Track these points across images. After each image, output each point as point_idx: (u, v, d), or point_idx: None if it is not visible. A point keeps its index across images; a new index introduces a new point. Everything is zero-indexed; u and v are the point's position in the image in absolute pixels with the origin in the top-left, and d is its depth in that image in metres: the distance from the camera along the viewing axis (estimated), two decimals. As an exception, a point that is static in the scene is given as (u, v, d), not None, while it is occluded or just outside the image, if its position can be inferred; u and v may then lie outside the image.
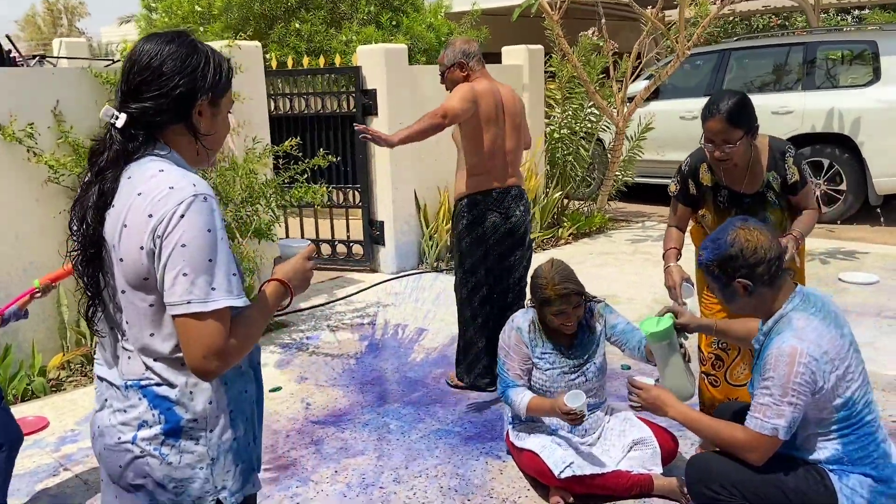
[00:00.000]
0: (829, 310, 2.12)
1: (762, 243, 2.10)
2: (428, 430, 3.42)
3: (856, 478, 2.04)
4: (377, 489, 2.94)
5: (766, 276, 2.10)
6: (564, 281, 2.72)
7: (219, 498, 1.45)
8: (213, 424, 1.44)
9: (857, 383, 2.03)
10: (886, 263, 5.91)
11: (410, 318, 5.08)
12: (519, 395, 2.82)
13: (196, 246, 1.33)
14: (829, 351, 2.01)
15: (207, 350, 1.32)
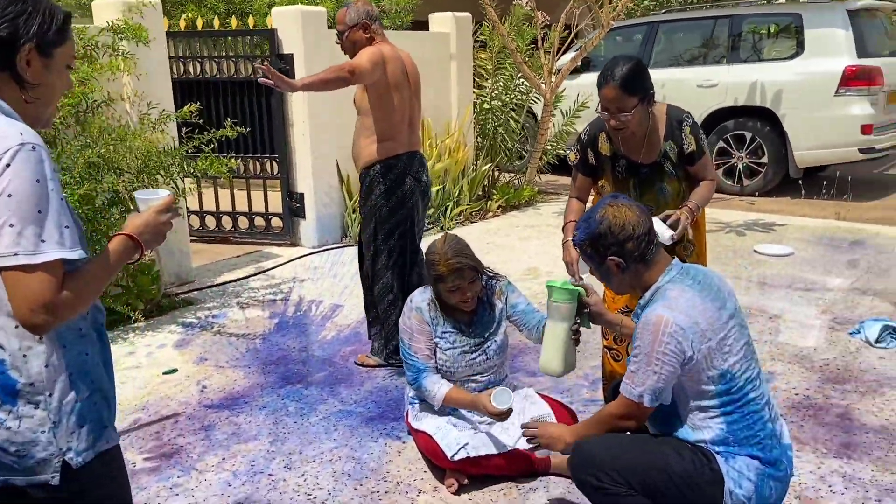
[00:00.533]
0: (710, 283, 2.06)
1: (630, 219, 2.04)
2: (328, 412, 3.29)
3: (742, 459, 1.99)
4: (265, 477, 2.80)
5: (637, 252, 2.05)
6: (457, 256, 2.61)
7: (65, 459, 1.42)
8: (51, 388, 1.40)
9: (736, 357, 1.98)
10: (803, 235, 6.00)
11: (326, 294, 4.91)
12: (435, 386, 2.71)
13: (23, 196, 1.28)
14: (700, 322, 1.95)
15: (34, 303, 1.28)
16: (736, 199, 7.47)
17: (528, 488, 2.67)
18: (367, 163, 3.56)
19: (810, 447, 2.88)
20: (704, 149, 2.75)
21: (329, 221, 6.17)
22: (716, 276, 2.13)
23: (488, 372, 2.78)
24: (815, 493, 2.58)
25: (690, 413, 2.04)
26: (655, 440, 2.08)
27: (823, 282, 4.86)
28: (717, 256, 5.49)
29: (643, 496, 2.02)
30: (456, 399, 2.69)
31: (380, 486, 2.71)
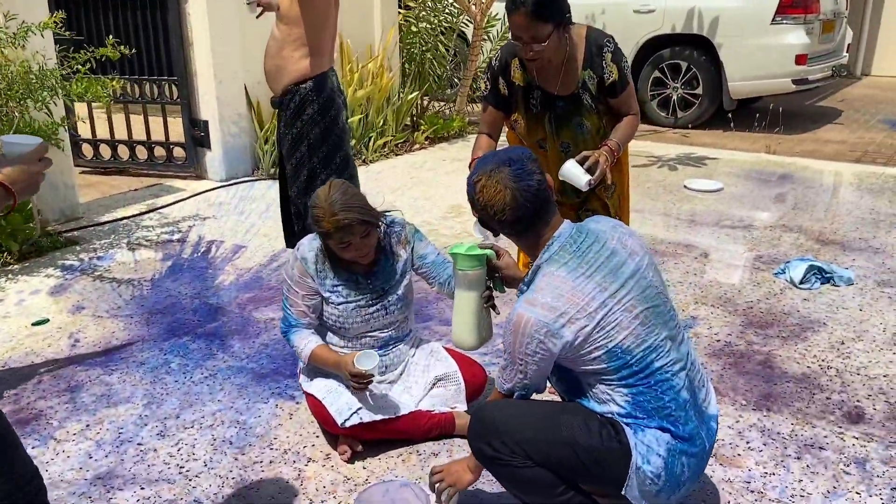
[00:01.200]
0: (598, 250, 1.81)
1: (495, 201, 1.80)
2: (216, 369, 2.97)
3: (652, 433, 1.77)
4: (133, 446, 2.48)
5: (507, 230, 1.86)
6: (344, 210, 2.23)
7: None
8: None
9: (627, 331, 1.75)
10: (733, 169, 5.86)
11: (229, 234, 4.51)
12: (302, 341, 2.41)
13: None
14: (567, 310, 1.73)
15: None
16: (669, 131, 7.27)
17: (429, 453, 2.43)
18: (296, 79, 3.21)
19: (729, 399, 2.73)
20: (628, 79, 2.44)
21: (238, 153, 5.69)
22: (618, 232, 1.87)
23: (389, 327, 2.49)
24: (732, 451, 2.43)
25: (591, 387, 1.81)
26: (562, 408, 1.85)
27: (751, 218, 4.72)
28: (646, 192, 5.30)
29: (542, 468, 1.79)
30: (322, 357, 2.39)
31: (264, 454, 2.43)
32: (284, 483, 2.29)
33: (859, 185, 5.41)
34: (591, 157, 2.29)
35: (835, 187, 5.41)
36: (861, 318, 3.33)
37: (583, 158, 2.30)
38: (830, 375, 2.86)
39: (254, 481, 2.30)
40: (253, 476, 2.33)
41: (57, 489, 2.27)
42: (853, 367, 2.92)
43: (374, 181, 5.55)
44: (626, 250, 1.83)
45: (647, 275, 1.83)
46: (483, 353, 3.00)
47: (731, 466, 2.35)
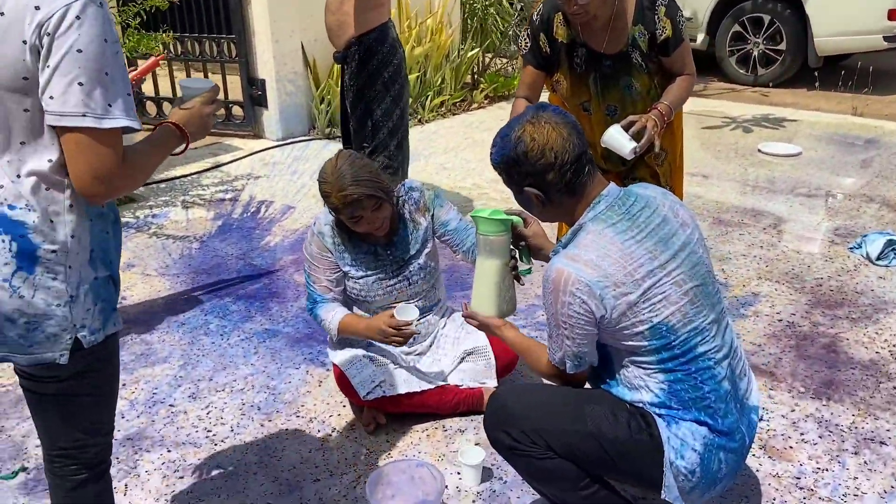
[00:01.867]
0: (648, 215, 1.63)
1: (552, 143, 1.58)
2: (252, 332, 2.96)
3: (687, 426, 1.62)
4: (165, 407, 2.49)
5: (561, 184, 1.61)
6: (353, 185, 2.11)
7: (77, 336, 1.35)
8: (73, 260, 1.33)
9: (675, 306, 1.58)
10: (814, 132, 5.45)
11: (280, 194, 4.50)
12: (329, 314, 2.32)
13: (93, 54, 1.22)
14: (613, 272, 1.55)
15: (98, 171, 1.25)
16: (748, 90, 6.84)
17: (455, 429, 2.35)
18: (363, 30, 3.23)
19: (786, 385, 2.53)
20: (683, 35, 2.22)
21: (294, 111, 5.66)
22: (667, 201, 1.69)
23: (414, 298, 2.39)
24: (784, 443, 2.25)
25: (624, 369, 1.66)
26: (587, 396, 1.71)
27: (830, 186, 4.38)
28: (716, 155, 4.99)
29: (564, 460, 1.68)
30: (351, 325, 2.28)
31: (290, 422, 2.40)
32: (307, 452, 2.26)
33: (956, 152, 4.94)
34: (638, 123, 2.10)
35: (928, 153, 4.96)
36: (944, 299, 3.04)
37: (628, 123, 2.11)
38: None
39: (277, 449, 2.28)
40: (277, 444, 2.30)
41: (86, 448, 2.30)
42: (930, 354, 2.66)
43: (428, 141, 5.42)
44: (678, 220, 1.66)
45: (697, 249, 1.66)
46: (521, 326, 2.89)
47: (780, 459, 2.17)
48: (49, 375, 1.40)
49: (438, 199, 2.41)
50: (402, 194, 2.36)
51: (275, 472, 2.18)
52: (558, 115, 1.63)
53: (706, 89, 6.89)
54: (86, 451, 1.51)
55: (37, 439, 2.31)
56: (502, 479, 2.12)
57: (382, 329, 2.19)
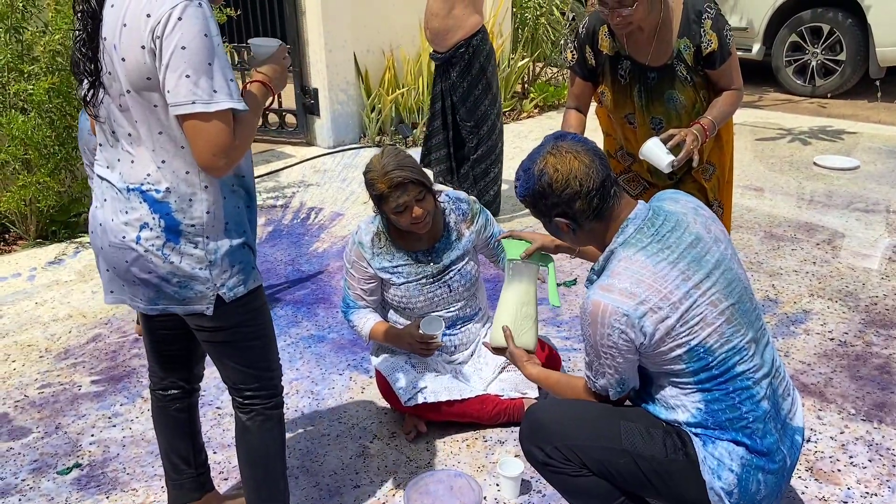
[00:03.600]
0: (680, 234, 1.61)
1: (576, 172, 1.59)
2: (299, 337, 3.02)
3: (724, 446, 1.60)
4: (212, 410, 2.57)
5: (589, 211, 1.62)
6: (398, 169, 2.17)
7: (219, 294, 1.59)
8: (209, 232, 1.56)
9: (712, 328, 1.56)
10: (874, 145, 5.29)
11: (329, 201, 4.58)
12: (361, 320, 2.38)
13: (195, 48, 1.41)
14: (649, 298, 1.54)
15: (216, 148, 1.44)
16: (805, 101, 6.67)
17: (495, 440, 2.35)
18: (468, 33, 3.75)
19: (836, 406, 2.46)
20: (730, 49, 2.20)
21: (345, 120, 5.76)
22: (699, 217, 1.67)
23: (454, 306, 2.41)
24: (831, 466, 2.19)
25: (661, 389, 1.65)
26: (622, 414, 1.70)
27: (889, 201, 4.24)
28: (770, 167, 4.89)
29: (598, 476, 1.67)
30: (382, 333, 2.34)
31: (332, 428, 2.45)
32: (348, 459, 2.29)
33: None
34: (677, 136, 2.08)
35: None
36: None
37: (668, 137, 2.10)
38: (962, 387, 2.52)
39: (319, 454, 2.32)
40: (319, 449, 2.35)
41: (136, 447, 2.39)
42: None
43: (478, 151, 5.44)
44: (711, 236, 1.65)
45: (732, 266, 1.64)
46: (564, 338, 2.88)
47: (827, 483, 2.12)
48: (203, 326, 1.66)
49: (484, 212, 2.44)
50: (448, 203, 2.39)
51: (316, 477, 2.23)
52: (578, 142, 1.64)
53: (761, 100, 6.74)
54: (260, 388, 1.78)
55: (90, 436, 2.41)
56: (541, 493, 2.12)
57: (408, 341, 2.27)
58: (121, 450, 2.38)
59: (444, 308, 2.41)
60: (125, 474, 2.28)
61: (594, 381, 1.70)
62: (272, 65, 1.63)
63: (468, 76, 3.85)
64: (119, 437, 2.44)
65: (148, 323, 1.84)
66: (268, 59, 1.63)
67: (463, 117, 3.96)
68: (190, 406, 1.99)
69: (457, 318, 2.44)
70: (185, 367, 1.93)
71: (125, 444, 2.41)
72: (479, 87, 3.88)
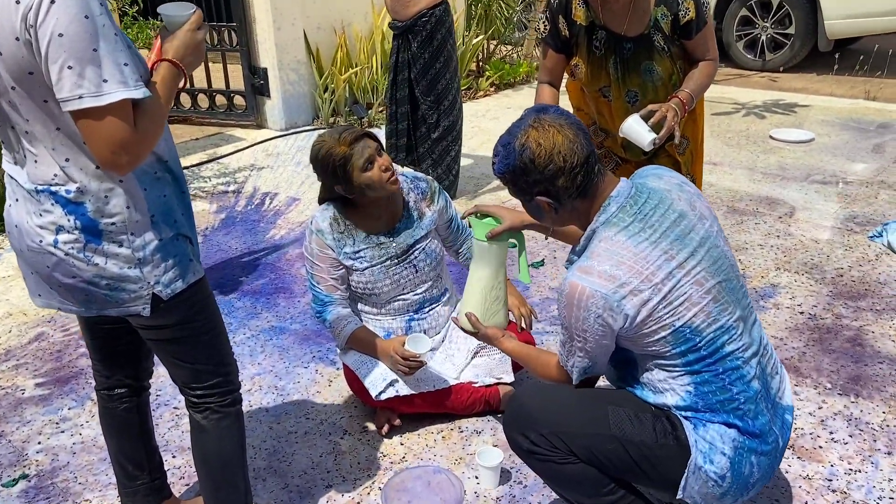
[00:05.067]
0: (664, 212, 1.54)
1: (559, 147, 1.50)
2: (260, 329, 2.87)
3: (716, 428, 1.54)
4: (170, 410, 2.42)
5: (572, 189, 1.53)
6: (347, 130, 2.14)
7: (154, 292, 1.47)
8: (133, 228, 1.42)
9: (698, 307, 1.49)
10: (827, 117, 5.34)
11: (284, 185, 4.41)
12: (340, 323, 2.24)
13: (74, 34, 1.22)
14: (629, 280, 1.47)
15: (113, 145, 1.27)
16: (757, 75, 6.71)
17: (471, 430, 2.27)
18: (430, 3, 3.68)
19: (812, 381, 2.44)
20: (706, 18, 2.12)
21: (297, 101, 5.56)
22: (683, 193, 1.60)
23: (421, 287, 2.31)
24: (812, 443, 2.16)
25: (648, 372, 1.58)
26: (610, 398, 1.63)
27: (845, 172, 4.28)
28: (727, 142, 4.89)
29: (586, 464, 1.60)
30: (363, 341, 2.23)
31: (300, 424, 2.32)
32: (318, 457, 2.18)
33: (974, 136, 4.83)
34: (658, 112, 2.00)
35: (944, 138, 4.85)
36: (971, 290, 2.94)
37: (648, 113, 2.02)
38: (932, 356, 2.53)
39: (286, 453, 2.20)
40: (286, 448, 2.22)
41: (88, 454, 2.23)
42: (959, 347, 2.57)
43: (435, 131, 5.32)
44: (696, 213, 1.58)
45: (718, 243, 1.58)
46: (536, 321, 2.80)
47: (810, 460, 2.09)
48: (145, 325, 1.53)
49: (444, 194, 2.36)
50: (406, 182, 2.29)
51: (285, 478, 2.10)
52: (561, 116, 1.54)
53: (715, 75, 6.76)
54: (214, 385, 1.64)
55: (37, 444, 2.24)
56: (522, 483, 2.04)
57: (392, 356, 2.15)
58: (71, 458, 2.22)
59: (410, 290, 2.30)
60: (77, 484, 2.12)
61: (564, 359, 1.64)
62: (185, 37, 1.40)
63: (429, 48, 3.74)
64: (68, 444, 2.27)
65: (86, 320, 1.70)
66: (181, 31, 1.41)
67: (423, 92, 3.83)
68: (140, 406, 1.84)
69: (424, 301, 2.34)
70: (131, 363, 1.78)
71: (75, 452, 2.24)
72: (440, 61, 3.77)
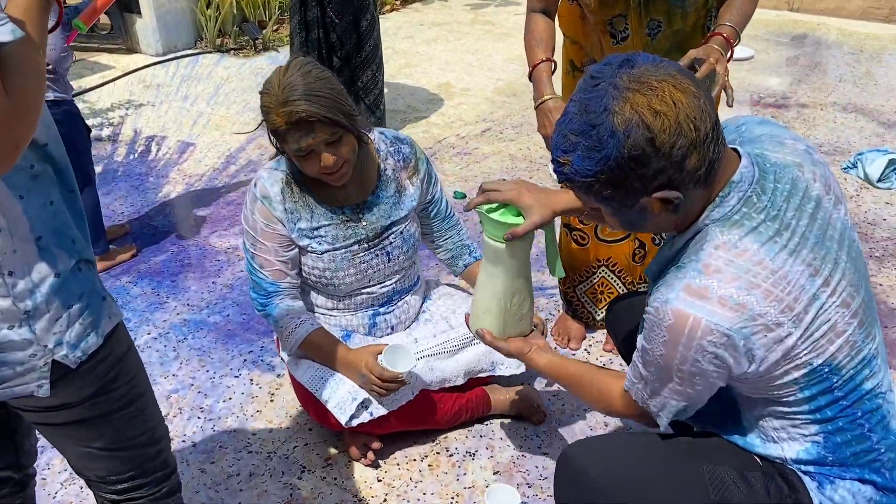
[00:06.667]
0: (796, 204, 1.09)
1: (685, 110, 0.98)
2: (168, 325, 2.27)
3: (847, 486, 1.16)
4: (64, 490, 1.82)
5: (703, 169, 1.03)
6: (303, 100, 1.51)
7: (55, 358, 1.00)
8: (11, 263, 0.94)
9: (841, 339, 1.08)
10: (757, 32, 5.05)
11: (172, 127, 3.66)
12: (290, 321, 1.70)
13: None
14: (765, 311, 1.03)
15: None
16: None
17: (463, 452, 1.82)
18: None
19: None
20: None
21: (175, 18, 4.68)
22: (819, 167, 1.16)
23: (392, 278, 1.80)
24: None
25: (762, 420, 1.17)
26: (704, 454, 1.22)
27: (797, 95, 4.01)
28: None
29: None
30: (322, 349, 1.69)
31: (240, 463, 1.80)
32: (273, 510, 1.68)
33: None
34: (706, 64, 1.50)
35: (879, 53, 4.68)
36: (959, 227, 2.75)
37: (690, 63, 1.52)
38: (948, 312, 2.30)
39: (230, 508, 1.68)
40: (228, 499, 1.70)
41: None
42: (972, 298, 2.35)
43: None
44: (831, 197, 1.14)
45: (854, 237, 1.16)
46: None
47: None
48: (57, 405, 1.06)
49: (428, 163, 1.82)
50: (385, 143, 1.74)
51: (232, 544, 1.60)
52: (659, 64, 1.03)
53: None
54: (142, 474, 1.20)
55: None
56: (539, 522, 1.64)
57: (366, 375, 1.63)
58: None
59: (378, 282, 1.79)
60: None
61: (646, 398, 1.18)
62: None
63: None
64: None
65: None
66: None
67: (337, 10, 3.16)
68: (25, 501, 1.30)
69: (393, 293, 1.84)
70: (7, 448, 1.23)
71: None
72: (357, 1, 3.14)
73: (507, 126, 3.58)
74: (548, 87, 1.69)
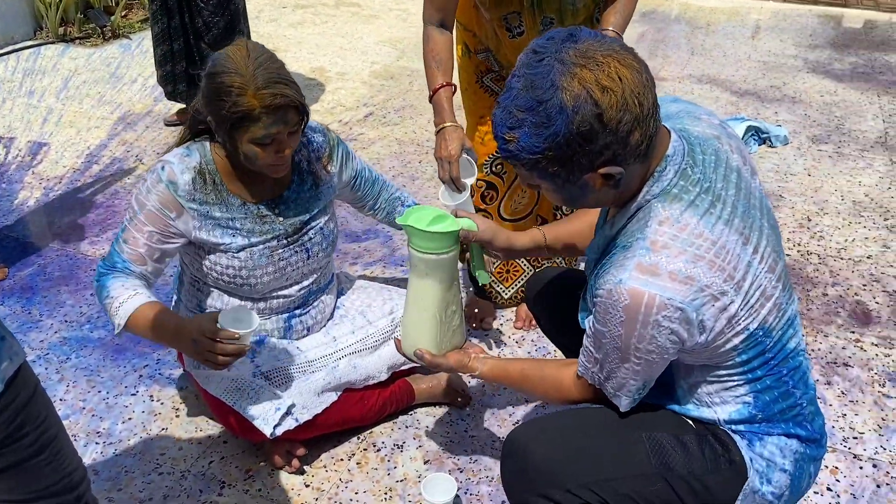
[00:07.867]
0: (722, 173, 1.13)
1: (630, 85, 0.99)
2: (47, 345, 2.06)
3: (775, 441, 1.23)
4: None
5: (644, 144, 1.04)
6: (280, 82, 1.43)
7: None
8: None
9: (771, 302, 1.14)
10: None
11: (20, 127, 3.31)
12: (122, 293, 1.49)
13: None
14: (711, 282, 1.06)
15: None
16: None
17: (391, 445, 1.78)
18: None
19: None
20: None
21: (12, 9, 4.23)
22: (733, 139, 1.21)
23: (309, 279, 1.73)
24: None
25: (697, 387, 1.22)
26: (641, 422, 1.24)
27: (653, 69, 4.21)
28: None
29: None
30: (151, 322, 1.47)
31: (152, 487, 1.66)
32: (196, 532, 1.57)
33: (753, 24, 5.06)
34: None
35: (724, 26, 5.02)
36: (813, 185, 3.00)
37: None
38: (815, 264, 2.51)
39: (147, 537, 1.56)
40: (144, 527, 1.57)
41: None
42: (832, 249, 2.58)
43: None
44: (748, 167, 1.20)
45: (769, 204, 1.22)
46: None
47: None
48: None
49: (343, 144, 1.75)
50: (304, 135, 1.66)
51: (156, 576, 1.48)
52: (600, 38, 1.03)
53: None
54: None
55: None
56: (475, 507, 1.63)
57: (198, 339, 1.42)
58: None
59: (295, 282, 1.71)
60: None
61: (602, 380, 1.20)
62: None
63: None
64: None
65: None
66: None
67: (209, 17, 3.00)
68: None
69: (310, 294, 1.76)
70: None
71: None
72: None
73: (389, 110, 3.52)
74: (448, 114, 1.71)
